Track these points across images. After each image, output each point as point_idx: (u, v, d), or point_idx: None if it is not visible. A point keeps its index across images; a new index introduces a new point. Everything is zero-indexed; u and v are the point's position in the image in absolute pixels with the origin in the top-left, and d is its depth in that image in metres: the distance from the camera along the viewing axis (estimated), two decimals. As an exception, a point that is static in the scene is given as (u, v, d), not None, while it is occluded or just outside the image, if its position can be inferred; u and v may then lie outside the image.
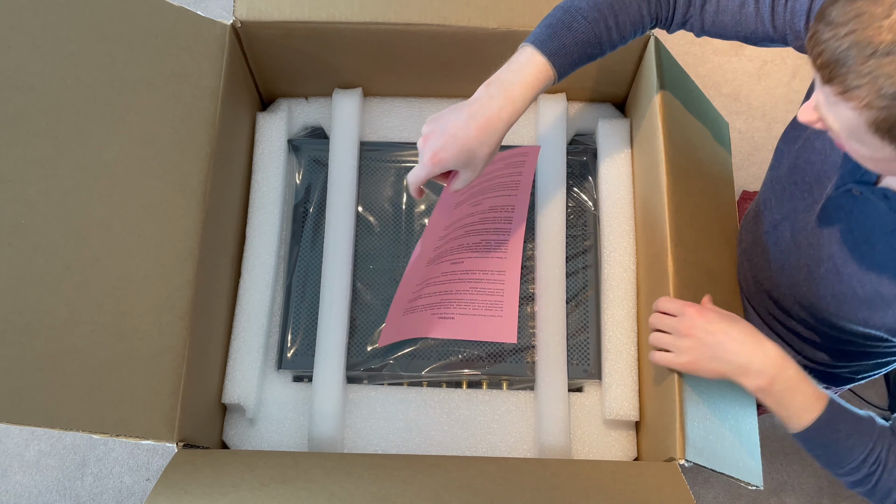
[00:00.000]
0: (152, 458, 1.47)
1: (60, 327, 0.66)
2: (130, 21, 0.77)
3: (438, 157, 0.67)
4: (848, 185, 0.66)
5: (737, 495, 1.45)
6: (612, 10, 0.70)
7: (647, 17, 0.72)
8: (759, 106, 1.72)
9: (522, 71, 0.68)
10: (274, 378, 0.89)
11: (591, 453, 0.86)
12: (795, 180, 0.73)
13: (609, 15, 0.70)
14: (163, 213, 0.76)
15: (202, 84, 0.83)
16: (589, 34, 0.70)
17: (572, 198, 0.95)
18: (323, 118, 1.00)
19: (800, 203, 0.73)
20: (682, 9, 0.72)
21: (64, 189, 0.69)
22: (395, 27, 0.87)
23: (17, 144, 0.66)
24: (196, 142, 0.81)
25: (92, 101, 0.72)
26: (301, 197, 0.96)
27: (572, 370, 0.87)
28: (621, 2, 0.71)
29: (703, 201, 0.86)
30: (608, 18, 0.70)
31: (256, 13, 0.86)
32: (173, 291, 0.75)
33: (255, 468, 0.69)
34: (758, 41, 0.71)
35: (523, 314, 0.90)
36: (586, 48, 0.70)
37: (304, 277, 0.92)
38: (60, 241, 0.68)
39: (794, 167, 0.73)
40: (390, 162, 0.97)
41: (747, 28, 0.69)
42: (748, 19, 0.69)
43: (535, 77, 0.68)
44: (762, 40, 0.70)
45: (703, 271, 0.82)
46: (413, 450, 0.85)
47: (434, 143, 0.68)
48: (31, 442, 1.46)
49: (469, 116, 0.67)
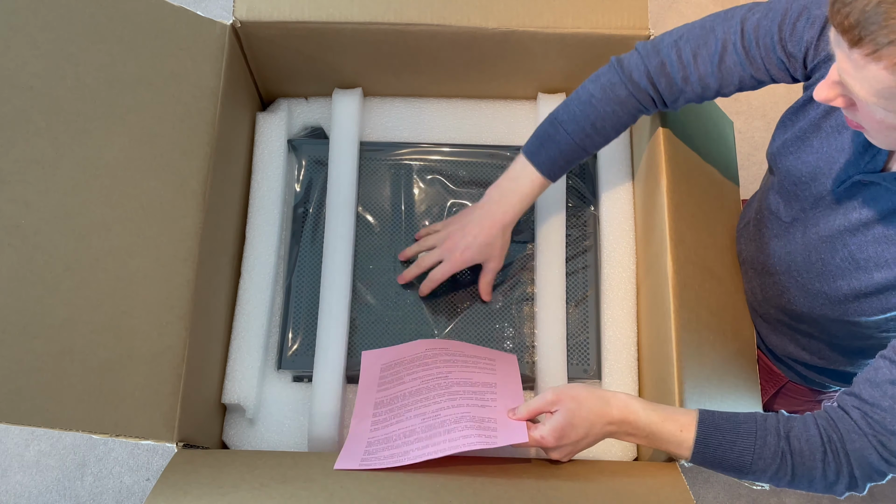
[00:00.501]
0: (152, 458, 1.47)
1: (60, 327, 0.66)
2: (130, 21, 0.77)
3: (465, 255, 0.84)
4: (854, 177, 0.66)
5: (737, 495, 1.45)
6: (589, 121, 0.78)
7: (629, 115, 0.79)
8: (759, 106, 1.72)
9: (518, 180, 0.82)
10: (274, 378, 0.89)
11: (591, 453, 0.86)
12: (796, 181, 0.73)
13: (587, 125, 0.78)
14: (163, 213, 0.76)
15: (202, 84, 0.83)
16: (571, 145, 0.80)
17: (572, 198, 0.95)
18: (323, 118, 1.00)
19: (807, 202, 0.73)
20: (667, 91, 0.77)
21: (64, 189, 0.69)
22: (394, 27, 0.87)
23: (17, 144, 0.66)
24: (196, 142, 0.81)
25: (92, 101, 0.72)
26: (301, 197, 0.96)
27: (572, 370, 0.87)
28: (596, 111, 0.78)
29: (704, 201, 0.86)
30: (586, 129, 0.79)
31: (256, 13, 0.86)
32: (173, 291, 0.75)
33: (255, 468, 0.69)
34: (753, 86, 0.75)
35: (523, 314, 0.90)
36: (572, 155, 0.81)
37: (304, 277, 0.92)
38: (60, 241, 0.68)
39: (794, 169, 0.73)
40: (390, 162, 0.97)
41: (734, 81, 0.74)
42: (730, 74, 0.73)
43: (530, 187, 0.82)
44: (755, 85, 0.74)
45: (705, 271, 0.82)
46: (413, 450, 0.85)
47: (458, 243, 0.84)
48: (31, 442, 1.46)
49: (480, 218, 0.84)
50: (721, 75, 0.74)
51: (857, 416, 0.62)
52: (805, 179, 0.72)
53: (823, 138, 0.69)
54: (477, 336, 0.89)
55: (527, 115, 1.00)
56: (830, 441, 0.62)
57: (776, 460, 0.63)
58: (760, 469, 0.64)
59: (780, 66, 0.70)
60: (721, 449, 0.64)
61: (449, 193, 0.95)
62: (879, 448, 0.61)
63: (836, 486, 0.64)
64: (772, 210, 0.79)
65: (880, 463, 0.61)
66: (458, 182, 0.96)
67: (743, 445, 0.64)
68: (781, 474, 0.64)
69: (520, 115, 1.00)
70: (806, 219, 0.73)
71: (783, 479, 0.64)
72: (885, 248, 0.65)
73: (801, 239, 0.74)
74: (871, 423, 0.61)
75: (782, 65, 0.70)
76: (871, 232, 0.66)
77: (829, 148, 0.69)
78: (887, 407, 0.60)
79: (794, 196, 0.74)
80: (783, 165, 0.74)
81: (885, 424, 0.60)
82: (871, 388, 0.62)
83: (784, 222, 0.77)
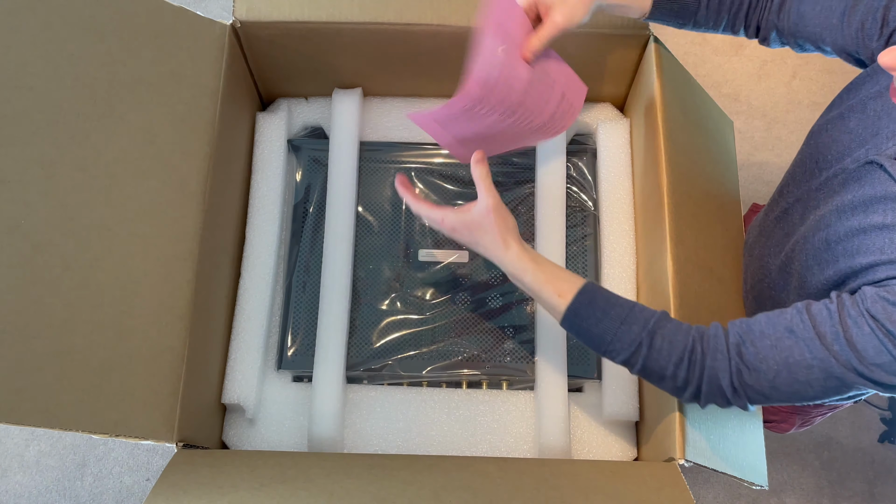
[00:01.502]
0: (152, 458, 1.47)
1: (60, 327, 0.66)
2: (130, 21, 0.77)
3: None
4: (871, 157, 0.65)
5: (737, 495, 1.45)
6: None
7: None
8: (759, 106, 1.72)
9: None
10: (274, 378, 0.89)
11: (591, 453, 0.86)
12: (818, 159, 0.73)
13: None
14: (163, 213, 0.76)
15: (202, 84, 0.83)
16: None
17: (572, 198, 0.95)
18: (323, 118, 1.00)
19: (815, 181, 0.72)
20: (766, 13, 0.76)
21: (64, 189, 0.69)
22: (394, 27, 0.87)
23: (17, 144, 0.66)
24: (196, 142, 0.81)
25: (92, 101, 0.72)
26: (301, 197, 0.96)
27: (572, 370, 0.87)
28: None
29: (705, 201, 0.86)
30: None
31: (256, 13, 0.86)
32: (173, 291, 0.75)
33: (255, 468, 0.69)
34: (820, 47, 0.74)
35: (523, 314, 0.90)
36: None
37: (304, 277, 0.92)
38: (60, 241, 0.68)
39: (821, 145, 0.73)
40: (390, 162, 0.97)
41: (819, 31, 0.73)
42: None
43: None
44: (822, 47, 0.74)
45: (705, 271, 0.82)
46: (413, 450, 0.85)
47: None
48: (31, 442, 1.46)
49: None
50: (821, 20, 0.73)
51: (733, 340, 0.63)
52: (829, 158, 0.71)
53: (863, 120, 0.68)
54: (477, 336, 0.89)
55: (527, 115, 1.00)
56: (693, 352, 0.64)
57: (631, 348, 0.65)
58: (615, 350, 0.66)
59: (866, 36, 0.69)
60: (587, 322, 0.67)
61: (449, 194, 0.95)
62: (735, 376, 0.62)
63: (682, 392, 0.65)
64: (781, 191, 0.79)
65: (728, 388, 0.63)
66: (457, 182, 0.96)
67: (606, 325, 0.66)
68: (633, 361, 0.66)
69: (520, 115, 1.00)
70: (808, 199, 0.73)
71: (634, 367, 0.67)
72: (876, 236, 0.64)
73: (799, 219, 0.74)
74: (742, 353, 0.62)
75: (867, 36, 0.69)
76: (853, 216, 0.65)
77: (864, 131, 0.68)
78: (764, 347, 0.61)
79: (811, 174, 0.74)
80: (815, 142, 0.74)
81: (752, 361, 0.61)
82: (764, 326, 0.62)
83: (788, 202, 0.77)
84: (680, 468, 0.71)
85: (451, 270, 0.92)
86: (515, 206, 0.95)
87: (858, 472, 1.49)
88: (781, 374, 0.60)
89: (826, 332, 0.58)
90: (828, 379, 0.59)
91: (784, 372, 0.60)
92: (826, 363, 0.58)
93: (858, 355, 0.57)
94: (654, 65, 0.85)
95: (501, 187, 0.95)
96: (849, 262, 0.64)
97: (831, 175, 0.70)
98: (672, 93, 0.85)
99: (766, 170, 1.66)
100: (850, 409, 1.53)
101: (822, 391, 0.60)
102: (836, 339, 0.58)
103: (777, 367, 0.60)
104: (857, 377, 0.58)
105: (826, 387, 0.59)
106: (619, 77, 0.95)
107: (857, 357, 0.57)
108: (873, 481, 1.48)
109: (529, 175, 0.96)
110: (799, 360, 0.59)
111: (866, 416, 1.53)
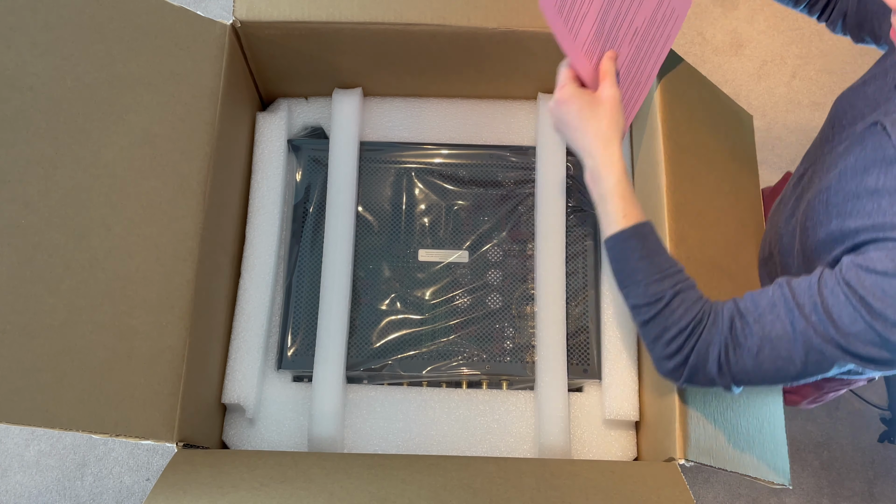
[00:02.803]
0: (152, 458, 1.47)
1: (60, 327, 0.66)
2: (130, 21, 0.77)
3: None
4: (877, 118, 0.65)
5: (736, 495, 1.45)
6: None
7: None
8: (759, 106, 1.72)
9: None
10: (274, 378, 0.89)
11: (591, 453, 0.86)
12: (834, 124, 0.73)
13: None
14: (163, 213, 0.76)
15: (202, 84, 0.83)
16: None
17: (572, 198, 0.95)
18: (323, 118, 1.00)
19: (828, 146, 0.73)
20: None
21: (64, 189, 0.69)
22: (395, 27, 0.87)
23: (17, 144, 0.66)
24: (196, 142, 0.81)
25: (92, 101, 0.72)
26: (301, 197, 0.96)
27: (572, 370, 0.87)
28: None
29: (714, 198, 0.85)
30: None
31: (256, 13, 0.86)
32: (173, 291, 0.76)
33: (255, 468, 0.69)
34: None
35: (523, 314, 0.90)
36: None
37: (304, 277, 0.92)
38: (60, 241, 0.68)
39: (839, 111, 0.73)
40: (390, 162, 0.97)
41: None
42: None
43: None
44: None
45: (713, 269, 0.81)
46: (413, 450, 0.85)
47: None
48: (31, 442, 1.46)
49: None
50: None
51: (727, 315, 0.63)
52: (844, 123, 0.72)
53: (881, 86, 0.69)
54: (477, 336, 0.89)
55: (527, 115, 1.00)
56: (699, 324, 0.64)
57: (651, 298, 0.65)
58: (636, 293, 0.66)
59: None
60: (629, 253, 0.67)
61: (449, 193, 0.95)
62: (722, 352, 0.62)
63: (668, 360, 0.65)
64: (803, 160, 0.79)
65: (714, 364, 0.63)
66: (457, 182, 0.96)
67: (643, 266, 0.66)
68: (645, 311, 0.66)
69: (520, 115, 1.00)
70: (820, 163, 0.73)
71: (640, 316, 0.66)
72: (867, 200, 0.64)
73: (809, 182, 0.74)
74: (733, 328, 0.62)
75: None
76: (853, 178, 0.65)
77: (880, 96, 0.68)
78: (749, 323, 0.61)
79: (826, 139, 0.74)
80: (835, 109, 0.75)
81: (739, 337, 0.61)
82: (750, 303, 0.62)
83: (804, 166, 0.77)
84: (680, 468, 0.71)
85: (451, 270, 0.92)
86: (515, 206, 0.95)
87: (858, 472, 1.49)
88: (764, 349, 0.60)
89: (805, 303, 0.58)
90: (809, 352, 0.59)
91: (767, 347, 0.60)
92: (806, 335, 0.58)
93: (835, 325, 0.57)
94: (654, 65, 0.85)
95: (501, 187, 0.95)
96: (840, 225, 0.63)
97: (843, 138, 0.70)
98: (675, 91, 0.85)
99: (767, 169, 1.66)
100: (851, 409, 1.53)
101: (804, 367, 0.60)
102: (814, 309, 0.58)
103: (760, 342, 0.60)
104: (835, 349, 0.57)
105: (807, 361, 0.59)
106: (619, 77, 0.95)
107: (834, 327, 0.57)
108: (873, 481, 1.48)
109: (529, 175, 0.96)
110: (780, 334, 0.59)
111: (866, 416, 1.53)
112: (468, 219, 0.94)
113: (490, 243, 0.93)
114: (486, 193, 0.95)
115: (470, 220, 0.94)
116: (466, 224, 0.94)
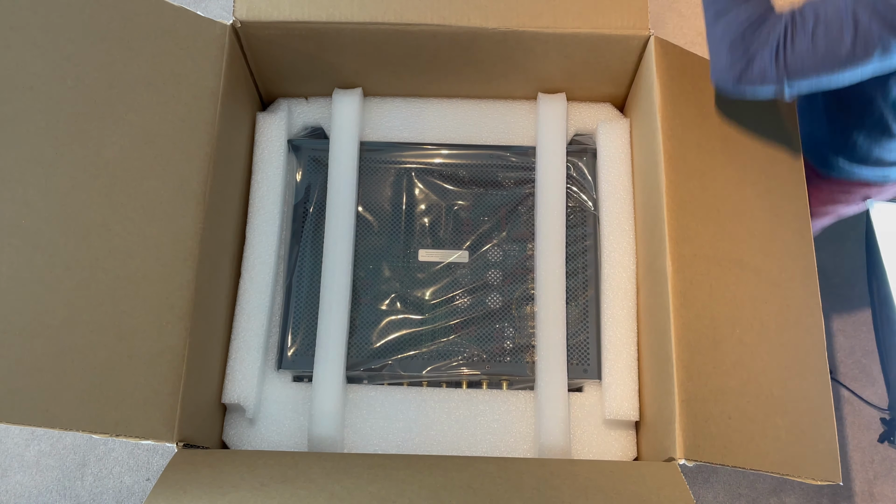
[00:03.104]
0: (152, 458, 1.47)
1: (60, 327, 0.66)
2: (130, 21, 0.77)
3: None
4: None
5: (736, 495, 1.45)
6: None
7: None
8: (759, 106, 1.72)
9: None
10: (274, 378, 0.89)
11: (591, 453, 0.86)
12: None
13: None
14: (163, 214, 0.76)
15: (202, 84, 0.83)
16: None
17: (572, 198, 0.95)
18: (323, 118, 1.00)
19: None
20: None
21: (64, 189, 0.69)
22: (395, 27, 0.87)
23: (17, 144, 0.66)
24: (196, 142, 0.81)
25: (92, 101, 0.72)
26: (301, 197, 0.96)
27: (572, 370, 0.87)
28: None
29: (735, 191, 0.83)
30: None
31: (256, 13, 0.86)
32: (173, 291, 0.76)
33: (255, 468, 0.69)
34: None
35: (523, 314, 0.90)
36: None
37: (304, 277, 0.92)
38: (60, 241, 0.68)
39: None
40: (390, 162, 0.97)
41: None
42: None
43: None
44: None
45: (731, 264, 0.79)
46: (413, 450, 0.85)
47: None
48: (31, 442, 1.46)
49: None
50: None
51: (787, 11, 0.69)
52: None
53: None
54: (477, 336, 0.89)
55: (527, 115, 1.00)
56: (765, 20, 0.70)
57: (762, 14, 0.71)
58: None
59: None
60: None
61: (449, 193, 0.95)
62: (782, 37, 0.68)
63: (728, 53, 0.72)
64: None
65: (772, 52, 0.69)
66: (458, 182, 0.96)
67: None
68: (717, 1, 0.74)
69: (520, 115, 1.00)
70: None
71: (712, 6, 0.75)
72: None
73: None
74: (793, 17, 0.69)
75: None
76: None
77: None
78: (806, 9, 0.68)
79: None
80: None
81: (798, 20, 0.68)
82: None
83: None
84: (680, 468, 0.71)
85: (451, 270, 0.92)
86: (515, 206, 0.95)
87: (858, 472, 1.49)
88: (819, 29, 0.67)
89: None
90: (857, 26, 0.64)
91: (821, 27, 0.66)
92: (855, 9, 0.64)
93: None
94: (653, 64, 0.85)
95: (501, 187, 0.95)
96: None
97: None
98: (678, 90, 0.84)
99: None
100: (850, 409, 1.53)
101: (853, 47, 0.65)
102: None
103: (815, 22, 0.67)
104: (881, 25, 0.63)
105: (856, 39, 0.65)
106: (619, 77, 0.95)
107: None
108: (873, 481, 1.48)
109: (529, 175, 0.96)
110: (833, 13, 0.66)
111: (866, 416, 1.53)
112: (468, 219, 0.94)
113: (490, 243, 0.93)
114: (486, 193, 0.95)
115: (470, 220, 0.94)
116: (466, 224, 0.94)
